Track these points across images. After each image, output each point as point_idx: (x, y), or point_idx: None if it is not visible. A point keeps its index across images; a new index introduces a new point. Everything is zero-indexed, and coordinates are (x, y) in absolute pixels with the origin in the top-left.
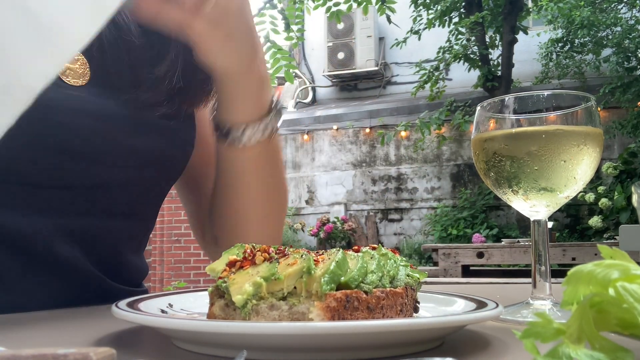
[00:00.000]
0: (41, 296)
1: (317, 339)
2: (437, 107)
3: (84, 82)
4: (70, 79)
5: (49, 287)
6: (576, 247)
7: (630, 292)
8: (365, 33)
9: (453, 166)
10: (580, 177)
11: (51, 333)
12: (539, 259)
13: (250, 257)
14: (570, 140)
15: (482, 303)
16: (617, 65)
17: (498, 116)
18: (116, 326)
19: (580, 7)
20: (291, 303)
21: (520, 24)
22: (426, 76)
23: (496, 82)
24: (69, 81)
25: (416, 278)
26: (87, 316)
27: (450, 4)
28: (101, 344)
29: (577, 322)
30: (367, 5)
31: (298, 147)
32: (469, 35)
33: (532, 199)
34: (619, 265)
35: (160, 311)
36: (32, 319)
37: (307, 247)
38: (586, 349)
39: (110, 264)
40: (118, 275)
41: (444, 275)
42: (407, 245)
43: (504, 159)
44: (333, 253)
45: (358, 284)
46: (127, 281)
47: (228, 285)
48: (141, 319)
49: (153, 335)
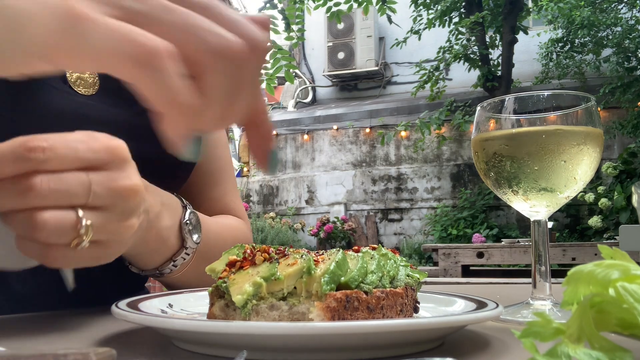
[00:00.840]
0: (41, 297)
1: (317, 339)
2: (437, 107)
3: (93, 91)
4: (81, 89)
5: (49, 288)
6: (576, 247)
7: (630, 292)
8: (365, 33)
9: (453, 166)
10: (580, 177)
11: (51, 333)
12: (539, 259)
13: (250, 257)
14: (570, 141)
15: (482, 303)
16: (617, 65)
17: (498, 116)
18: (116, 326)
19: (580, 7)
20: (291, 303)
21: (520, 24)
22: (426, 76)
23: (496, 82)
24: (79, 90)
25: (416, 278)
26: (87, 316)
27: (451, 4)
28: (101, 344)
29: (577, 322)
30: (367, 5)
31: (298, 147)
32: (469, 35)
33: (532, 199)
34: (619, 265)
35: (161, 311)
36: (32, 319)
37: (307, 247)
38: (585, 349)
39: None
40: (120, 277)
41: (444, 275)
42: (407, 245)
43: (504, 159)
44: (333, 253)
45: (358, 284)
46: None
47: (228, 286)
48: (141, 319)
49: (153, 335)
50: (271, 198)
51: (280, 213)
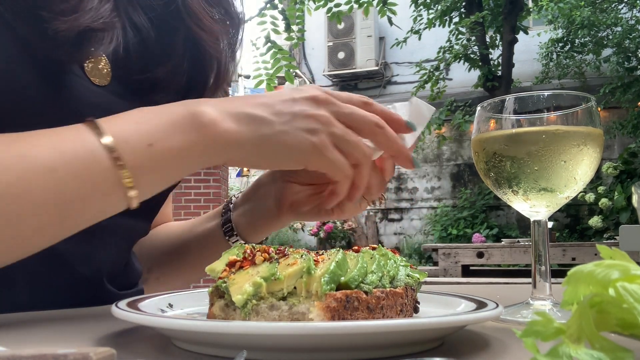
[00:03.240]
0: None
1: (317, 339)
2: (437, 107)
3: (106, 82)
4: (96, 79)
5: (49, 286)
6: (576, 247)
7: (630, 292)
8: (365, 33)
9: (453, 166)
10: (580, 177)
11: (51, 333)
12: (539, 259)
13: (250, 257)
14: (571, 141)
15: (482, 303)
16: (618, 66)
17: (498, 116)
18: (116, 326)
19: (580, 7)
20: (291, 303)
21: (520, 24)
22: (426, 76)
23: (496, 82)
24: (94, 80)
25: (416, 278)
26: (87, 316)
27: (451, 4)
28: (101, 344)
29: (577, 322)
30: (368, 6)
31: None
32: (469, 35)
33: (532, 199)
34: (619, 265)
35: (160, 311)
36: (32, 318)
37: (307, 247)
38: (586, 349)
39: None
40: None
41: (444, 275)
42: (407, 245)
43: (504, 159)
44: (333, 253)
45: (358, 284)
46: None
47: (228, 286)
48: (141, 319)
49: (153, 335)
50: None
51: None
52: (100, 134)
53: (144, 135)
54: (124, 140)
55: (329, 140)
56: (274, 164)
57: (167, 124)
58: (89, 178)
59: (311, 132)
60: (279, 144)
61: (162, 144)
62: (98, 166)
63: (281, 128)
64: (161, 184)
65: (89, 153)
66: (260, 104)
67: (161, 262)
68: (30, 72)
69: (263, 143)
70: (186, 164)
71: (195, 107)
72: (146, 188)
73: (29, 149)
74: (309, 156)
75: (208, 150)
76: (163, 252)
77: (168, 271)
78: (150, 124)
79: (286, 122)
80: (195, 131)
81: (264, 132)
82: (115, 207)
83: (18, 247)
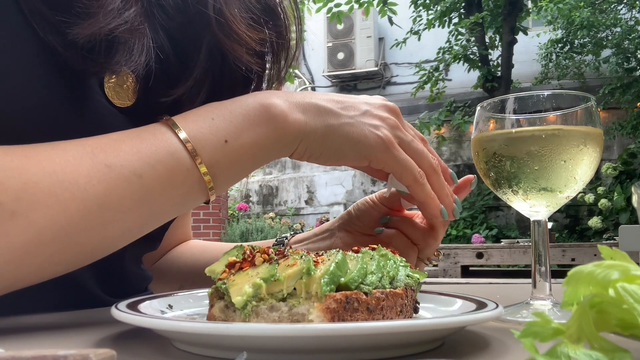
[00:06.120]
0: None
1: (317, 340)
2: (437, 107)
3: (129, 103)
4: (116, 100)
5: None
6: (576, 247)
7: (630, 292)
8: (365, 33)
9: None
10: (580, 177)
11: (51, 334)
12: (539, 259)
13: (249, 258)
14: (570, 141)
15: (482, 303)
16: (617, 66)
17: (498, 116)
18: (116, 328)
19: (580, 7)
20: (291, 304)
21: (520, 25)
22: (426, 76)
23: (496, 82)
24: (115, 102)
25: (416, 279)
26: (87, 318)
27: (450, 5)
28: (101, 345)
29: (577, 322)
30: (368, 6)
31: None
32: (469, 36)
33: (532, 199)
34: (619, 265)
35: (160, 313)
36: (32, 320)
37: None
38: (585, 349)
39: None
40: (119, 288)
41: (443, 276)
42: None
43: (503, 159)
44: (333, 254)
45: (358, 285)
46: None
47: (228, 287)
48: (141, 321)
49: (153, 336)
50: (271, 198)
51: (279, 213)
52: (178, 133)
53: (220, 132)
54: (202, 139)
55: (396, 141)
56: (338, 155)
57: (240, 118)
58: (171, 180)
59: (378, 128)
60: (345, 135)
61: (237, 140)
62: (179, 167)
63: (348, 120)
64: (235, 178)
65: (170, 155)
66: (329, 99)
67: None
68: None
69: (329, 133)
70: (259, 158)
71: (266, 99)
72: (222, 184)
73: (113, 158)
74: (375, 151)
75: (279, 142)
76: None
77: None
78: (225, 120)
79: (353, 116)
80: (267, 124)
81: (330, 122)
82: (192, 205)
83: (99, 251)
